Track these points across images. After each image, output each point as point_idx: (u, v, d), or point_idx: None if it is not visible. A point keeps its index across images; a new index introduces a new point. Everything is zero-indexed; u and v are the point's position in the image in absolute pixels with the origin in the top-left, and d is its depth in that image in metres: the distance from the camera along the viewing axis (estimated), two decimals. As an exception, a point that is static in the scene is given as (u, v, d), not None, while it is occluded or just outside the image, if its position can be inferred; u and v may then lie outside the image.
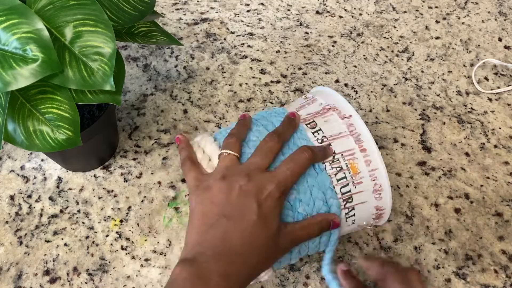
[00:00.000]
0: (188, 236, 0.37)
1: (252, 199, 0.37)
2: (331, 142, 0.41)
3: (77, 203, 0.54)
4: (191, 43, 0.71)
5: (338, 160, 0.40)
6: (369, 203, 0.41)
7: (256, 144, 0.41)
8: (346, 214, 0.41)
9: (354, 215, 0.41)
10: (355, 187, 0.40)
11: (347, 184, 0.40)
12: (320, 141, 0.41)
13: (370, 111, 0.63)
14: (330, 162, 0.40)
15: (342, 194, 0.40)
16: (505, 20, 0.74)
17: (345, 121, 0.42)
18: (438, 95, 0.65)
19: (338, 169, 0.40)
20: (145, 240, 0.51)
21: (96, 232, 0.52)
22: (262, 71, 0.67)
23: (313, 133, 0.42)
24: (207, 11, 0.75)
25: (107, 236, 0.52)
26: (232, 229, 0.36)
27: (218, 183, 0.38)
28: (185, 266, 0.34)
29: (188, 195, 0.55)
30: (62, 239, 0.52)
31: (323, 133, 0.41)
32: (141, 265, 0.50)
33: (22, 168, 0.57)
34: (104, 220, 0.53)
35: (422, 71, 0.68)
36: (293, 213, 0.39)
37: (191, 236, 0.37)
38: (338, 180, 0.40)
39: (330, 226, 0.39)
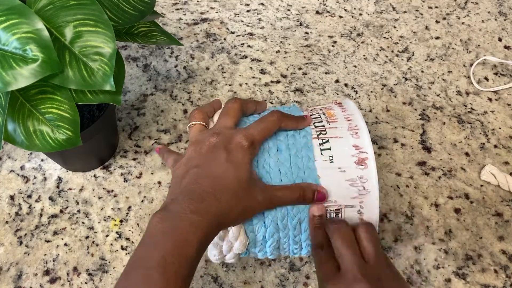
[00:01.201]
0: (167, 196, 0.39)
1: (220, 148, 0.38)
2: (328, 130, 0.42)
3: (77, 203, 0.54)
4: (191, 43, 0.71)
5: (317, 111, 0.43)
6: (345, 139, 0.40)
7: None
8: (320, 144, 0.40)
9: (329, 149, 0.40)
10: (329, 124, 0.41)
11: (321, 121, 0.41)
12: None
13: (370, 111, 0.63)
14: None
15: (316, 127, 0.41)
16: (505, 20, 0.74)
17: (345, 114, 0.43)
18: (438, 95, 0.65)
19: (316, 117, 0.42)
20: (145, 240, 0.51)
21: (96, 232, 0.52)
22: (262, 71, 0.67)
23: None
24: (207, 11, 0.75)
25: (107, 236, 0.52)
26: (203, 173, 0.37)
27: (190, 148, 0.40)
28: (157, 212, 0.35)
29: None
30: (62, 239, 0.52)
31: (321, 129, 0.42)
32: (141, 265, 0.50)
33: (22, 168, 0.57)
34: (104, 220, 0.53)
35: (422, 71, 0.68)
36: (272, 182, 0.39)
37: (168, 193, 0.38)
38: (314, 124, 0.41)
39: (314, 196, 0.39)
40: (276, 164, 0.40)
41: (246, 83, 0.66)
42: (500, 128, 0.61)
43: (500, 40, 0.71)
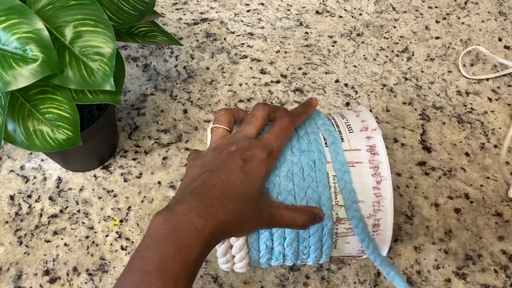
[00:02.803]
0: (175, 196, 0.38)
1: (237, 156, 0.37)
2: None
3: (77, 203, 0.54)
4: (191, 43, 0.71)
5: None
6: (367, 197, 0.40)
7: None
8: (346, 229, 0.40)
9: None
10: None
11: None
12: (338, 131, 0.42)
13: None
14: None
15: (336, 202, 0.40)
16: (505, 20, 0.74)
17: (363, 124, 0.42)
18: (438, 95, 0.65)
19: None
20: (145, 240, 0.51)
21: (96, 232, 0.52)
22: (262, 71, 0.67)
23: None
24: (207, 11, 0.75)
25: (107, 236, 0.52)
26: (215, 178, 0.36)
27: (208, 153, 0.40)
28: (161, 211, 0.34)
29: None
30: (62, 239, 0.52)
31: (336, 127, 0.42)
32: (141, 265, 0.50)
33: (22, 168, 0.57)
34: (104, 220, 0.53)
35: (422, 71, 0.68)
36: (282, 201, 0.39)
37: (175, 194, 0.38)
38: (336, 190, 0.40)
39: (315, 219, 0.38)
40: (287, 176, 0.39)
41: (246, 83, 0.66)
42: (500, 128, 0.61)
43: (500, 40, 0.71)
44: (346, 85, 0.66)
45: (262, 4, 0.77)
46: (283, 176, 0.39)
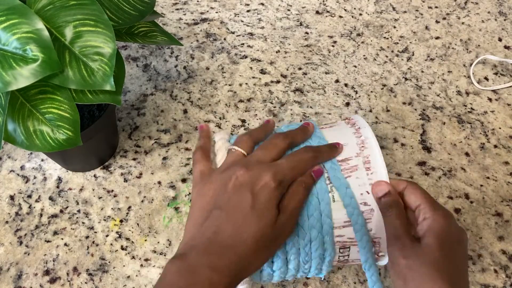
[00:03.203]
0: (186, 229, 0.37)
1: (246, 190, 0.36)
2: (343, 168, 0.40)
3: (77, 203, 0.54)
4: (191, 43, 0.71)
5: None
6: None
7: None
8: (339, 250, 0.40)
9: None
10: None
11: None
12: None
13: (370, 111, 0.63)
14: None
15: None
16: (505, 20, 0.74)
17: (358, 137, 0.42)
18: (438, 95, 0.65)
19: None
20: (145, 240, 0.51)
21: (96, 232, 0.52)
22: (262, 71, 0.67)
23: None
24: (207, 11, 0.75)
25: (107, 236, 0.52)
26: (225, 221, 0.35)
27: (218, 176, 0.38)
28: (176, 260, 0.34)
29: (189, 194, 0.55)
30: (62, 239, 0.52)
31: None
32: (141, 265, 0.50)
33: (22, 168, 0.57)
34: (104, 220, 0.53)
35: (422, 71, 0.68)
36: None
37: (188, 229, 0.37)
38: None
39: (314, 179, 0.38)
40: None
41: (246, 83, 0.66)
42: (500, 128, 0.61)
43: (500, 40, 0.71)
44: (346, 85, 0.66)
45: (262, 4, 0.77)
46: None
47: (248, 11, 0.76)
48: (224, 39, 0.71)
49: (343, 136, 0.42)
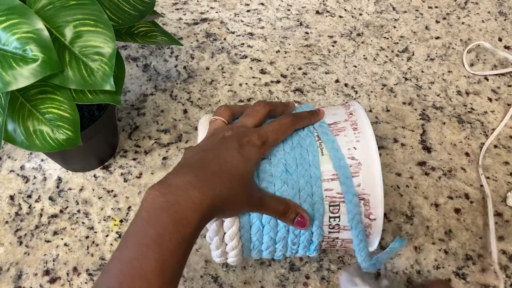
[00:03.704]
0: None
1: (234, 140, 0.38)
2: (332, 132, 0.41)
3: (77, 203, 0.54)
4: (191, 43, 0.71)
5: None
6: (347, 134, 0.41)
7: None
8: (329, 218, 0.40)
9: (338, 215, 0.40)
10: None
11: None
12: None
13: (370, 111, 0.63)
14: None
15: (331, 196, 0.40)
16: (505, 20, 0.74)
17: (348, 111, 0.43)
18: (438, 95, 0.65)
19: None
20: (145, 240, 0.51)
21: (96, 232, 0.52)
22: (262, 71, 0.67)
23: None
24: (207, 11, 0.75)
25: (107, 236, 0.52)
26: (212, 156, 0.37)
27: (204, 140, 0.40)
28: (156, 185, 0.34)
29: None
30: (62, 239, 0.52)
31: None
32: (141, 265, 0.50)
33: (22, 168, 0.57)
34: (104, 220, 0.53)
35: (422, 71, 0.68)
36: (274, 192, 0.39)
37: (171, 171, 0.37)
38: (331, 179, 0.40)
39: (295, 218, 0.38)
40: (282, 166, 0.40)
41: (246, 83, 0.66)
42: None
43: (500, 40, 0.71)
44: (346, 85, 0.66)
45: (262, 4, 0.77)
46: (275, 164, 0.39)
47: (248, 11, 0.76)
48: (224, 39, 0.71)
49: (333, 110, 0.44)
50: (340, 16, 0.75)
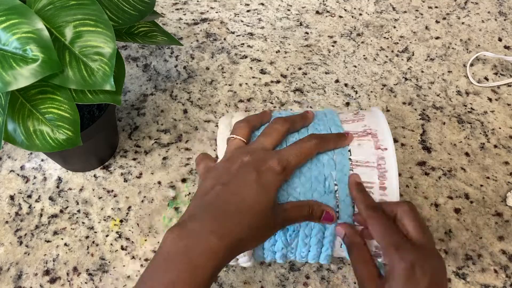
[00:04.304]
0: (187, 208, 0.37)
1: (252, 168, 0.36)
2: (354, 168, 0.39)
3: (77, 203, 0.54)
4: (191, 43, 0.71)
5: None
6: (372, 241, 0.40)
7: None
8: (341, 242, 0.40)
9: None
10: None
11: (353, 206, 0.39)
12: None
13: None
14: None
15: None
16: (505, 20, 0.74)
17: (379, 152, 0.40)
18: (438, 95, 0.65)
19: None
20: (145, 240, 0.51)
21: (96, 232, 0.52)
22: (262, 71, 0.67)
23: None
24: (207, 11, 0.75)
25: (107, 236, 0.52)
26: (228, 191, 0.35)
27: (222, 162, 0.39)
28: (174, 228, 0.33)
29: (189, 194, 0.55)
30: (62, 239, 0.52)
31: (350, 154, 0.40)
32: (141, 265, 0.50)
33: (22, 168, 0.57)
34: (104, 220, 0.53)
35: (422, 71, 0.68)
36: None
37: (189, 206, 0.37)
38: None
39: (322, 214, 0.38)
40: (295, 195, 0.39)
41: (246, 83, 0.66)
42: (500, 128, 0.61)
43: (500, 40, 0.71)
44: (346, 85, 0.66)
45: (262, 4, 0.77)
46: (289, 193, 0.38)
47: (248, 11, 0.76)
48: (224, 39, 0.71)
49: (360, 140, 0.41)
50: (340, 16, 0.75)
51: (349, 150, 0.40)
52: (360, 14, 0.75)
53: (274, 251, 0.41)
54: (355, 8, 0.76)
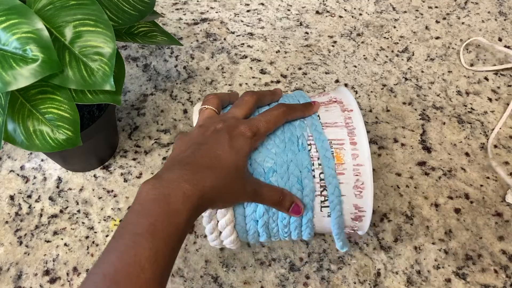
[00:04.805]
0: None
1: (224, 132, 0.39)
2: (324, 129, 0.41)
3: (77, 203, 0.54)
4: (191, 43, 0.71)
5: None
6: (348, 197, 0.41)
7: None
8: (321, 202, 0.41)
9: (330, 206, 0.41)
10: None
11: (334, 158, 0.41)
12: None
13: (370, 111, 0.63)
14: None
15: (320, 179, 0.40)
16: (505, 20, 0.74)
17: (345, 114, 0.42)
18: (438, 95, 0.65)
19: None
20: (145, 240, 0.51)
21: (96, 232, 0.52)
22: (262, 71, 0.67)
23: None
24: (207, 11, 0.75)
25: (107, 236, 0.52)
26: (203, 150, 0.38)
27: (196, 129, 0.41)
28: (149, 179, 0.35)
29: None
30: (62, 239, 0.52)
31: (319, 119, 0.42)
32: (141, 265, 0.50)
33: (22, 168, 0.57)
34: (104, 220, 0.53)
35: (422, 71, 0.68)
36: (265, 180, 0.40)
37: (163, 165, 0.39)
38: (319, 165, 0.40)
39: (291, 206, 0.40)
40: (271, 155, 0.40)
41: (246, 83, 0.66)
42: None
43: (500, 40, 0.71)
44: (346, 85, 0.66)
45: (262, 4, 0.77)
46: (266, 155, 0.40)
47: (248, 11, 0.76)
48: (224, 39, 0.71)
49: (327, 107, 0.44)
50: (340, 16, 0.75)
51: (318, 115, 0.43)
52: (360, 14, 0.75)
53: (256, 219, 0.41)
54: (355, 8, 0.76)
